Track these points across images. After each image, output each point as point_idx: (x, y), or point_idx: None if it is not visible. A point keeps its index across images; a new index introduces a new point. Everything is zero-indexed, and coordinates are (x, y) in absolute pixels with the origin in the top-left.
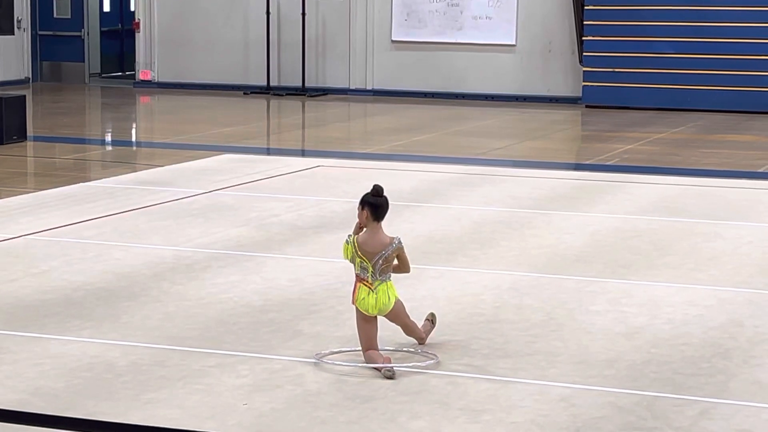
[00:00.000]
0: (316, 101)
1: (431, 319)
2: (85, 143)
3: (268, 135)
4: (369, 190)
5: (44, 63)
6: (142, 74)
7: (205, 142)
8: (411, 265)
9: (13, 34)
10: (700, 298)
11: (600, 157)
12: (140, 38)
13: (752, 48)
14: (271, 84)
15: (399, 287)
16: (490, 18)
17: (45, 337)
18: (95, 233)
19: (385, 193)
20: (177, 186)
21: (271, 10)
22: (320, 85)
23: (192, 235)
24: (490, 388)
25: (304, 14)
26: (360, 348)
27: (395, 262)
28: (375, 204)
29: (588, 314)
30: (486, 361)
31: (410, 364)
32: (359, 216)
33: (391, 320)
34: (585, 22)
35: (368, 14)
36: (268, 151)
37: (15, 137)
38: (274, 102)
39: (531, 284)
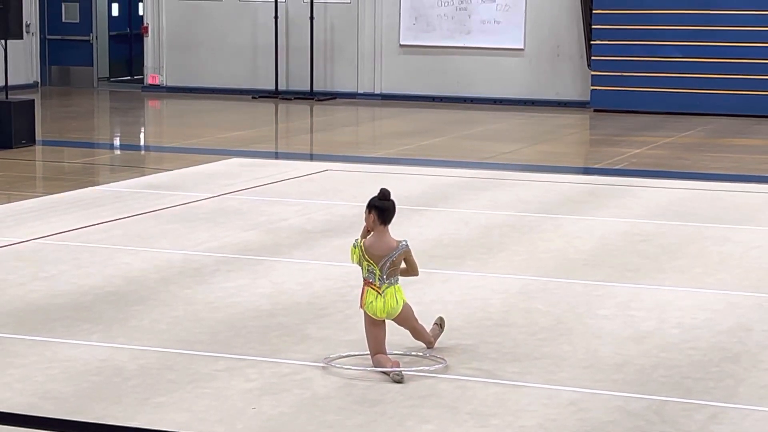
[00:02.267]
0: (324, 105)
1: (440, 323)
2: (93, 147)
3: (277, 139)
4: (376, 194)
5: (53, 67)
6: (150, 78)
7: (214, 146)
8: (419, 269)
9: (22, 39)
10: (709, 302)
11: (608, 161)
12: (149, 42)
13: (761, 52)
14: (280, 88)
15: (407, 291)
16: (498, 22)
17: (54, 340)
18: (104, 237)
19: (392, 197)
20: (185, 190)
21: (279, 15)
22: (328, 89)
23: (200, 239)
24: (499, 392)
25: (312, 18)
26: (368, 352)
27: (403, 265)
28: (381, 207)
29: (596, 318)
30: (494, 365)
31: (418, 368)
32: (366, 220)
33: (400, 324)
34: (593, 26)
35: (376, 18)
36: (277, 155)
37: (24, 141)
38: (283, 106)
39: (539, 288)
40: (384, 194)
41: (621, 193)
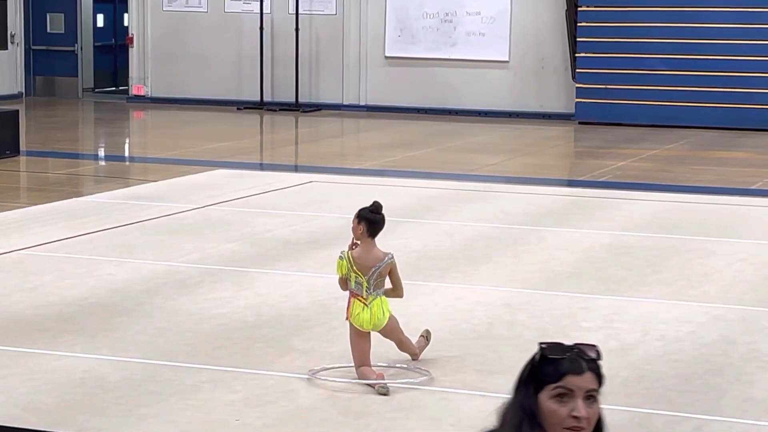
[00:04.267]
0: (309, 117)
1: (426, 336)
2: (78, 158)
3: (262, 150)
4: (367, 205)
5: (38, 78)
6: (135, 89)
7: (199, 158)
8: (404, 281)
9: (7, 49)
10: (693, 314)
11: (593, 174)
12: (134, 53)
13: (744, 65)
14: (265, 99)
15: (392, 303)
16: (483, 34)
17: (37, 352)
18: (88, 248)
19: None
20: (170, 201)
21: (264, 26)
22: (314, 100)
23: (185, 250)
24: (483, 405)
25: (297, 30)
26: (353, 364)
27: (388, 285)
28: (373, 220)
29: (580, 331)
30: (479, 377)
31: (403, 380)
32: (354, 230)
33: (386, 336)
34: (578, 39)
35: (362, 30)
36: (262, 167)
37: (8, 152)
38: (268, 117)
39: (524, 300)
40: (376, 207)
41: (605, 205)
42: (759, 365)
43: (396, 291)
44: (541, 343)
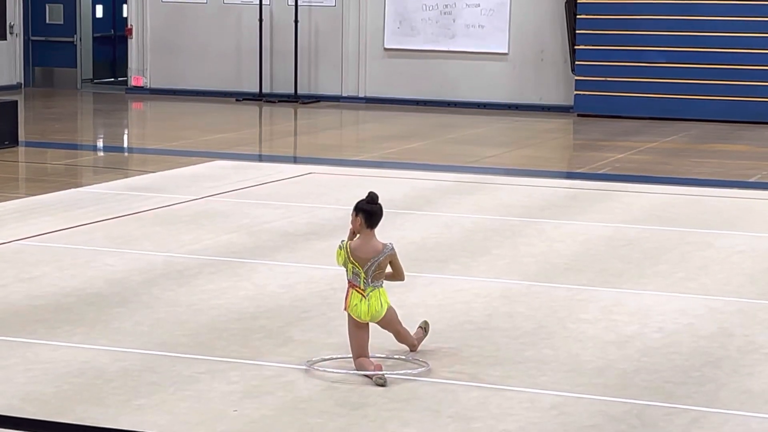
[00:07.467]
0: (308, 108)
1: (424, 327)
2: (76, 149)
3: (261, 142)
4: (363, 197)
5: (36, 68)
6: (134, 80)
7: (197, 149)
8: (405, 274)
9: (6, 40)
10: (691, 307)
11: (591, 166)
12: (133, 44)
13: (744, 58)
14: (264, 91)
15: (390, 294)
16: (482, 26)
17: (35, 342)
18: (86, 239)
19: (379, 201)
20: (168, 192)
21: (263, 18)
22: (312, 92)
23: (183, 241)
24: (481, 396)
25: (296, 22)
26: (351, 355)
27: (389, 269)
28: (369, 211)
29: (579, 322)
30: (477, 368)
31: (401, 372)
32: (353, 222)
33: (384, 327)
34: (577, 32)
35: (361, 22)
36: (260, 158)
37: (7, 142)
38: (267, 109)
39: (522, 292)
40: (372, 198)
41: (604, 197)
42: (757, 357)
43: (397, 276)
44: None
